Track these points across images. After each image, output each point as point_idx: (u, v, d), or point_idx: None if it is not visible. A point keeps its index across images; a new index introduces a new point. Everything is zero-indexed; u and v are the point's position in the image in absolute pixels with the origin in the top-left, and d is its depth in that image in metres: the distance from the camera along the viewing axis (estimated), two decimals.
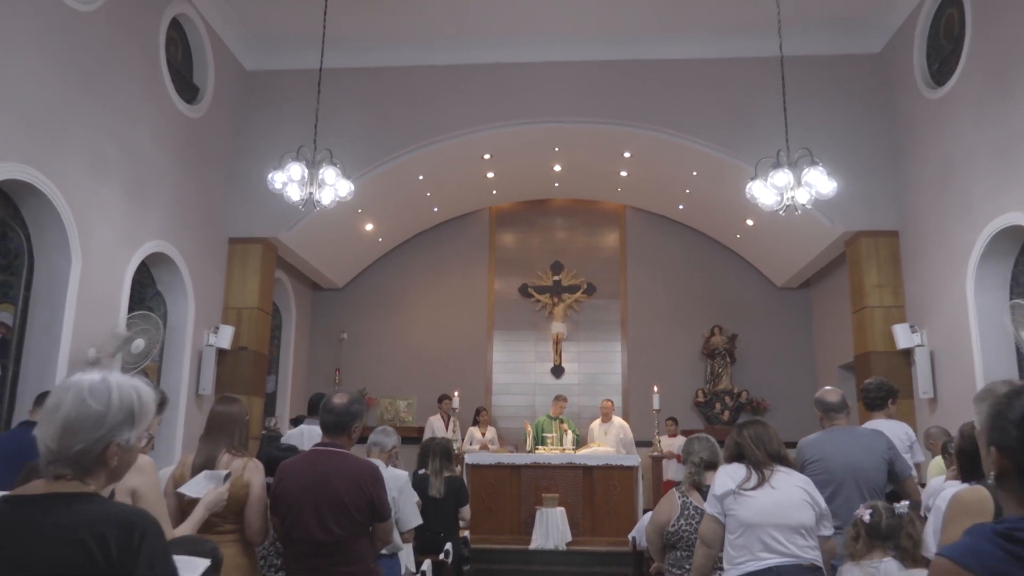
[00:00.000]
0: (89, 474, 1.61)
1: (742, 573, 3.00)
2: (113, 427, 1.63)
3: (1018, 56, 6.47)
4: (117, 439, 1.63)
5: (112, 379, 1.68)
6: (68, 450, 1.59)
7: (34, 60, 5.87)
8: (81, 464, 1.60)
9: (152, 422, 1.82)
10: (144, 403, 1.70)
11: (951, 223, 7.51)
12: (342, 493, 2.95)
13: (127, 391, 1.68)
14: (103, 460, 1.62)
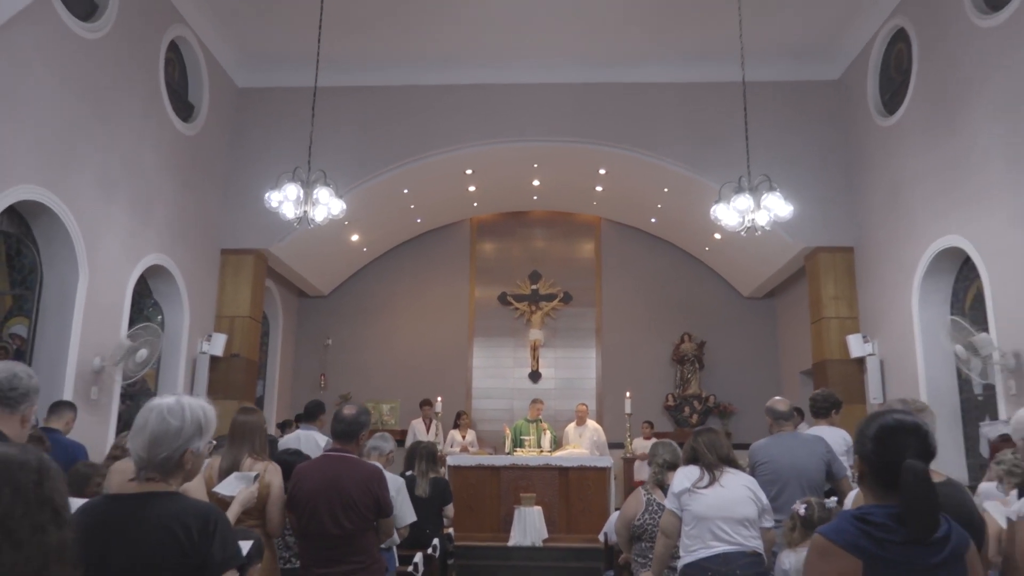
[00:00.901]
0: (171, 476, 2.07)
1: (695, 559, 3.52)
2: (187, 438, 2.09)
3: (958, 92, 7.08)
4: (191, 447, 2.10)
5: (184, 400, 2.15)
6: (155, 458, 2.05)
7: (48, 86, 6.25)
8: (165, 468, 2.06)
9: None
10: (208, 418, 2.17)
11: (899, 242, 8.12)
12: (352, 493, 3.41)
13: (196, 409, 2.15)
14: (181, 464, 2.08)
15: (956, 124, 7.12)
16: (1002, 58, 6.44)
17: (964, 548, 1.78)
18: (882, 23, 8.49)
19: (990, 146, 6.59)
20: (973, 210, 6.82)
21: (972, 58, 6.87)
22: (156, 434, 2.05)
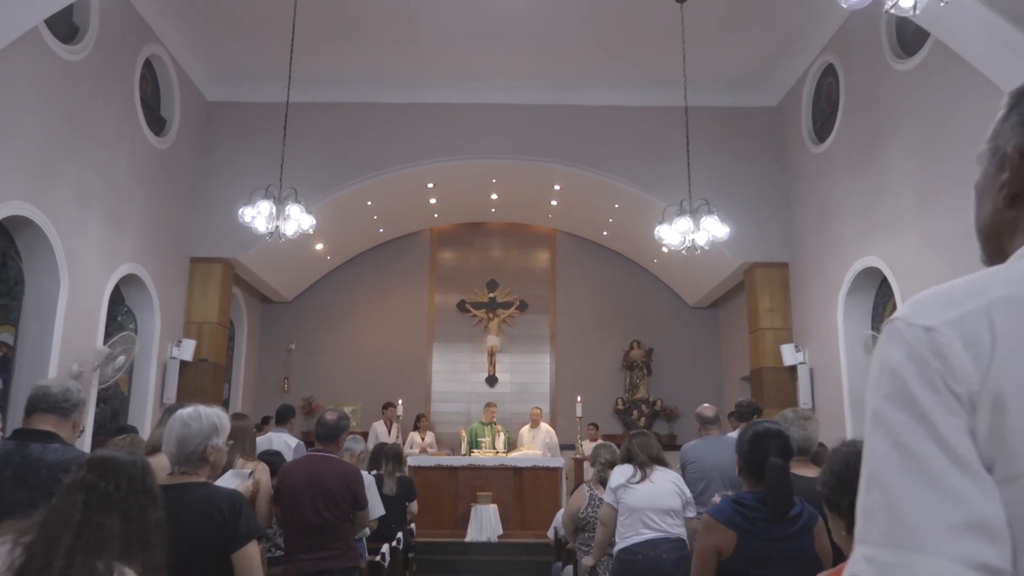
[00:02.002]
0: (198, 468, 2.58)
1: (628, 544, 4.11)
2: (206, 437, 2.61)
3: (878, 126, 7.82)
4: (210, 444, 2.61)
5: (200, 408, 2.67)
6: (183, 454, 2.56)
7: (31, 106, 6.60)
8: (192, 462, 2.57)
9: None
10: (222, 421, 2.69)
11: (827, 260, 8.86)
12: (332, 488, 3.92)
13: (210, 415, 2.66)
14: (204, 458, 2.59)
15: (875, 155, 7.87)
16: (914, 99, 7.18)
17: (813, 523, 2.37)
18: (814, 58, 9.23)
19: (903, 177, 7.34)
20: (888, 233, 7.57)
21: (889, 97, 7.61)
22: (181, 436, 2.56)
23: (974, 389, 0.74)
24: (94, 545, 1.74)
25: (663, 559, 4.02)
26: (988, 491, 0.72)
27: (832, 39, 8.80)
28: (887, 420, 0.77)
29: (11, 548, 1.73)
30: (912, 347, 0.77)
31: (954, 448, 0.73)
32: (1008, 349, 0.74)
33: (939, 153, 6.76)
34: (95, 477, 1.85)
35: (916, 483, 0.73)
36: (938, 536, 0.71)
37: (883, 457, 0.76)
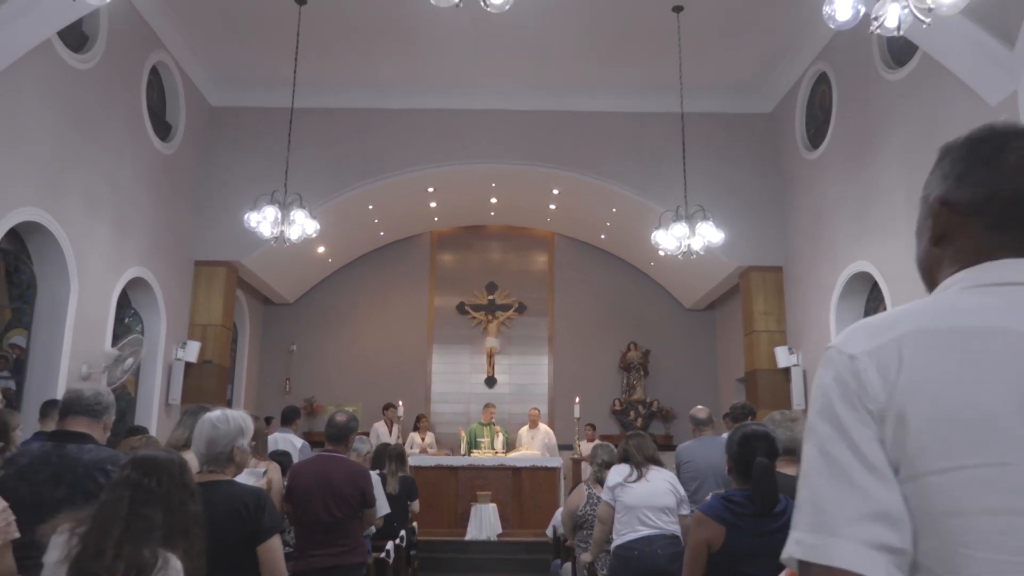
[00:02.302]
0: (225, 467, 2.75)
1: (624, 541, 4.28)
2: (232, 438, 2.78)
3: (869, 133, 8.01)
4: (236, 444, 2.78)
5: (227, 412, 2.84)
6: (212, 454, 2.74)
7: (43, 114, 6.77)
8: (220, 461, 2.74)
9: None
10: (247, 423, 2.87)
11: (820, 264, 9.05)
12: (342, 486, 4.09)
13: (236, 418, 2.84)
14: (231, 458, 2.77)
15: (866, 161, 8.06)
16: (904, 108, 7.37)
17: None
18: (807, 66, 9.42)
19: (894, 183, 7.53)
20: (879, 239, 7.76)
21: (880, 105, 7.80)
22: (210, 437, 2.74)
23: (882, 407, 0.91)
24: (140, 535, 1.92)
25: (658, 555, 4.20)
26: (891, 488, 0.89)
27: (825, 48, 8.99)
28: (816, 431, 0.95)
29: (68, 538, 1.91)
30: (838, 371, 0.95)
31: (865, 454, 0.90)
32: (910, 375, 0.91)
33: (928, 161, 6.84)
34: (139, 474, 2.03)
35: (834, 482, 0.91)
36: (849, 524, 0.88)
37: (811, 462, 0.94)
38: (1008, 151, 1.04)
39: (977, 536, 0.86)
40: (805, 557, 0.90)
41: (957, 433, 0.88)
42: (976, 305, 0.97)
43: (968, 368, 0.90)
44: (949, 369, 0.91)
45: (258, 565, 2.59)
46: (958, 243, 1.06)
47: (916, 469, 0.89)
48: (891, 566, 0.87)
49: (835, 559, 0.87)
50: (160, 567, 1.92)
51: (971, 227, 1.04)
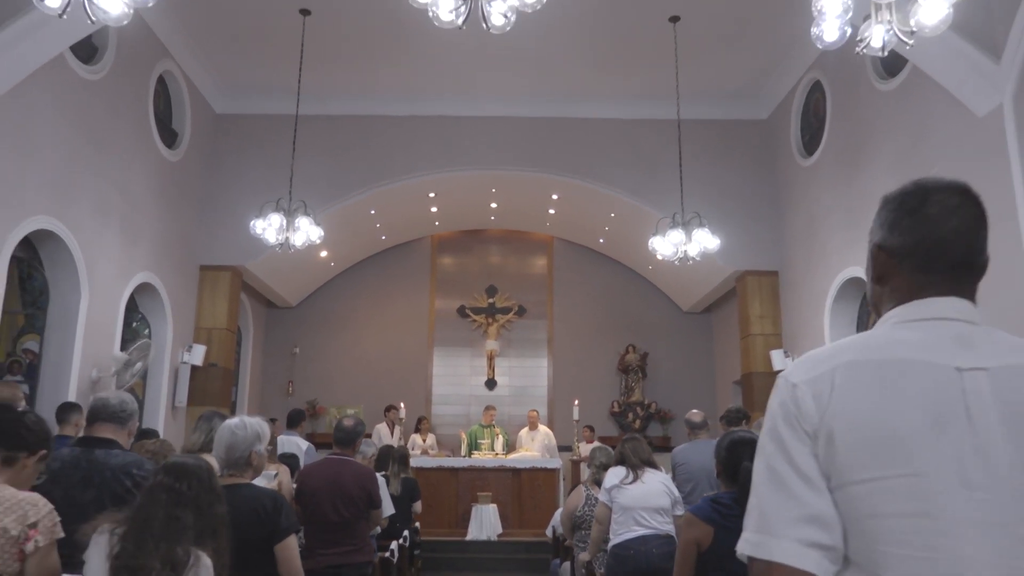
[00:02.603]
0: (244, 471, 2.92)
1: (621, 540, 4.45)
2: (250, 443, 2.95)
3: (861, 142, 8.19)
4: (254, 449, 2.95)
5: (245, 419, 3.01)
6: (232, 459, 2.91)
7: (55, 124, 6.94)
8: (239, 466, 2.91)
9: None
10: (263, 428, 3.04)
11: (814, 269, 9.22)
12: (350, 488, 4.26)
13: (254, 424, 3.01)
14: (249, 462, 2.94)
15: (859, 169, 8.23)
16: (895, 118, 7.55)
17: None
18: (802, 75, 9.59)
19: (884, 191, 7.66)
20: None
21: (872, 114, 7.97)
22: (230, 443, 2.91)
23: (816, 427, 1.09)
24: (174, 534, 2.10)
25: (653, 554, 4.37)
26: (822, 496, 1.07)
27: (819, 58, 9.15)
28: (764, 448, 1.13)
29: (108, 538, 2.08)
30: (782, 397, 1.13)
31: (801, 468, 1.08)
32: (838, 400, 1.09)
33: (917, 170, 7.12)
34: (172, 479, 2.20)
35: (775, 491, 1.08)
36: (786, 526, 1.06)
37: (759, 474, 1.12)
38: (930, 203, 1.21)
39: (891, 535, 1.03)
40: (751, 553, 1.08)
41: (874, 450, 1.06)
42: (899, 339, 1.15)
43: (885, 395, 1.08)
44: (869, 396, 1.08)
45: (275, 563, 2.76)
46: (894, 283, 1.23)
47: (843, 479, 1.06)
48: (823, 560, 1.05)
49: (774, 555, 1.05)
50: (192, 564, 2.09)
51: (904, 269, 1.22)
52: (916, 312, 1.19)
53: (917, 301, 1.20)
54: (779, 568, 1.05)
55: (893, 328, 1.19)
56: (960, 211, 1.22)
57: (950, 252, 1.20)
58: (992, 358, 1.12)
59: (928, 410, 1.06)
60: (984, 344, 1.14)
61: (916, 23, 3.97)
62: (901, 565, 1.03)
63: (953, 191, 1.24)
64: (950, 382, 1.09)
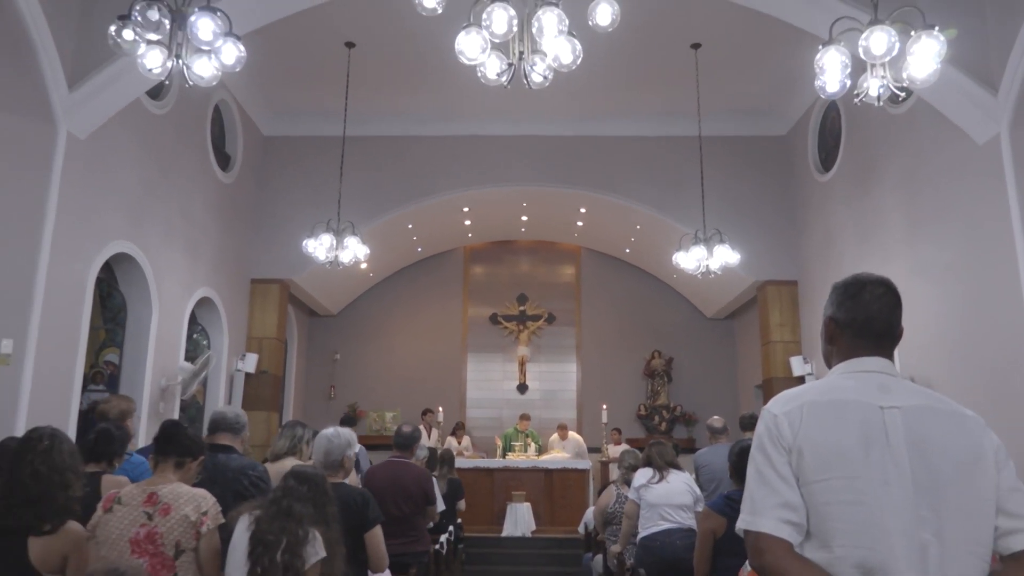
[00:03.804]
0: (337, 472, 3.54)
1: (648, 533, 5.03)
2: (342, 449, 3.58)
3: (873, 162, 8.67)
4: (346, 454, 3.58)
5: (338, 429, 3.65)
6: (328, 462, 3.54)
7: (130, 157, 7.65)
8: (334, 467, 3.54)
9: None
10: (352, 437, 3.67)
11: (830, 280, 9.54)
12: (409, 487, 4.89)
13: (344, 433, 3.64)
14: (342, 464, 3.56)
15: (869, 188, 8.71)
16: (903, 141, 8.03)
17: None
18: (818, 95, 10.04)
19: (893, 209, 8.19)
20: (880, 260, 8.41)
21: (883, 136, 8.45)
22: (327, 449, 3.54)
23: (790, 445, 1.65)
24: (296, 519, 2.72)
25: (677, 545, 4.93)
26: (793, 490, 1.62)
27: None
28: (755, 458, 1.69)
29: (248, 519, 2.71)
30: (767, 424, 1.70)
31: (780, 471, 1.64)
32: (805, 428, 1.65)
33: (922, 190, 7.63)
34: (296, 482, 2.83)
35: (762, 487, 1.65)
36: (769, 509, 1.62)
37: (751, 476, 1.68)
38: (864, 292, 1.79)
39: (837, 516, 1.60)
40: (746, 527, 1.65)
41: (826, 460, 1.63)
42: (842, 385, 1.72)
43: (833, 423, 1.65)
44: (824, 425, 1.66)
45: (364, 548, 3.39)
46: (839, 345, 1.81)
47: (807, 480, 1.63)
48: (793, 532, 1.62)
49: (761, 528, 1.62)
50: (310, 540, 2.72)
51: (846, 335, 1.79)
52: (853, 367, 1.76)
53: (854, 359, 1.77)
54: (764, 537, 1.62)
55: (839, 377, 1.76)
56: (883, 299, 1.79)
57: (875, 326, 1.77)
58: (903, 400, 1.68)
59: (861, 434, 1.63)
60: (898, 390, 1.71)
61: (908, 77, 4.50)
62: (843, 535, 1.59)
63: (880, 284, 1.81)
64: (875, 416, 1.66)
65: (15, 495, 2.49)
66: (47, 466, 2.53)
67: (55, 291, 6.35)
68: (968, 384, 6.87)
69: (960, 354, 7.02)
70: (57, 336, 6.41)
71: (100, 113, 6.75)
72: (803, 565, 1.58)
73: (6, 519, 2.45)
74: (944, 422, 1.66)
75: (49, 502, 2.50)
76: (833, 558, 1.57)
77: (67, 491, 2.55)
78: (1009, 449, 5.27)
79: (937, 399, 1.72)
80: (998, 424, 6.15)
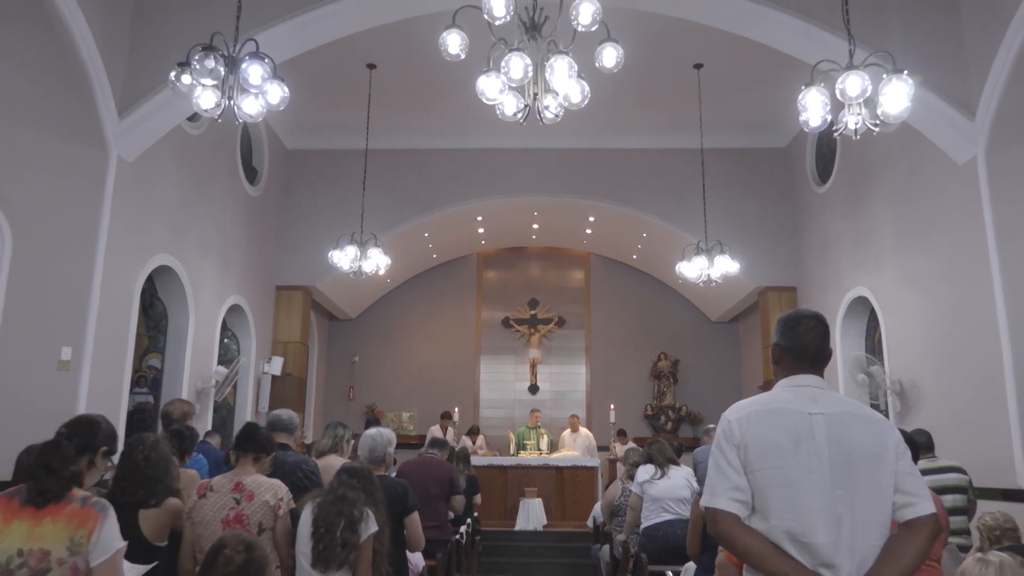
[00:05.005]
0: (380, 466, 4.11)
1: (650, 524, 5.57)
2: (384, 446, 4.14)
3: (866, 176, 9.17)
4: (387, 451, 4.14)
5: (380, 429, 4.21)
6: (373, 457, 4.10)
7: (170, 174, 8.24)
8: (377, 462, 4.10)
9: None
10: (392, 436, 4.23)
11: (827, 287, 10.21)
12: (440, 475, 5.46)
13: (386, 432, 4.20)
14: (384, 459, 4.12)
15: (863, 200, 9.22)
16: (893, 157, 8.53)
17: None
18: None
19: (884, 222, 8.70)
20: (873, 269, 8.93)
21: (876, 153, 8.95)
22: (371, 446, 4.10)
23: (739, 442, 2.19)
24: (350, 503, 3.28)
25: (677, 534, 5.47)
26: (742, 477, 2.15)
27: None
28: (714, 453, 2.23)
29: (312, 508, 3.28)
30: (723, 427, 2.24)
31: (731, 463, 2.18)
32: (750, 430, 2.18)
33: (910, 205, 8.14)
34: (347, 476, 3.39)
35: (717, 474, 2.18)
36: (723, 491, 2.15)
37: (711, 467, 2.22)
38: (800, 325, 2.32)
39: (772, 496, 2.14)
40: (706, 504, 2.20)
41: (765, 454, 2.17)
42: (781, 397, 2.26)
43: (771, 425, 2.19)
44: (763, 427, 2.20)
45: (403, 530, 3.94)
46: (782, 365, 2.35)
47: (751, 468, 2.17)
48: (741, 508, 2.15)
49: (717, 504, 2.16)
50: (364, 518, 3.27)
51: (787, 358, 2.33)
52: (792, 382, 2.30)
53: (792, 376, 2.31)
54: (720, 512, 2.15)
55: (780, 391, 2.30)
56: (815, 330, 2.33)
57: (809, 351, 2.31)
58: (828, 408, 2.22)
59: (792, 434, 2.17)
60: (824, 400, 2.24)
61: (882, 114, 5.03)
62: (777, 510, 2.12)
63: (813, 318, 2.35)
64: (804, 420, 2.19)
65: (129, 478, 3.05)
66: (156, 454, 3.11)
67: (107, 303, 6.94)
68: (951, 386, 7.38)
69: (944, 360, 7.52)
70: (109, 344, 7.00)
71: (146, 138, 7.35)
72: (747, 532, 2.12)
73: (123, 496, 3.02)
74: (857, 424, 2.19)
75: (156, 483, 3.07)
76: (770, 527, 2.11)
77: (168, 475, 3.13)
78: (986, 444, 6.04)
79: (855, 406, 2.26)
80: (976, 424, 6.66)
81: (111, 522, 2.39)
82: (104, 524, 2.36)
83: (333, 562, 3.15)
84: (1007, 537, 3.97)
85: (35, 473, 2.40)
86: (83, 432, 2.69)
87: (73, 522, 2.34)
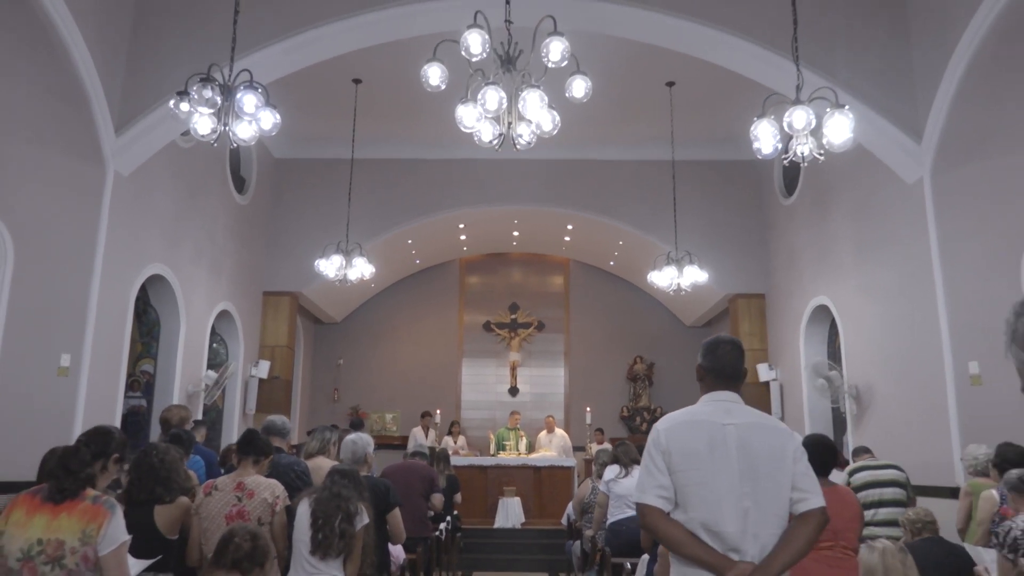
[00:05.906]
0: (362, 467, 4.51)
1: (616, 519, 6.01)
2: (365, 449, 4.55)
3: (827, 190, 9.66)
4: (367, 452, 4.55)
5: (360, 434, 4.62)
6: (355, 459, 4.51)
7: (164, 186, 8.58)
8: (359, 462, 4.51)
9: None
10: (370, 440, 4.64)
11: (793, 295, 10.71)
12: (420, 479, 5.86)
13: (365, 437, 4.61)
14: (365, 460, 4.53)
15: (825, 213, 9.71)
16: (852, 173, 9.02)
17: None
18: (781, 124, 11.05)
19: (844, 235, 9.19)
20: (833, 279, 9.42)
21: (836, 169, 9.43)
22: (353, 449, 4.51)
23: (664, 449, 2.61)
24: (345, 500, 3.69)
25: (638, 530, 5.90)
26: (666, 477, 2.57)
27: None
28: (644, 458, 2.66)
29: (309, 503, 3.68)
30: (653, 435, 2.67)
31: (657, 465, 2.60)
32: (675, 438, 2.61)
33: (867, 220, 8.63)
34: (339, 476, 3.79)
35: (646, 475, 2.60)
36: (649, 489, 2.57)
37: (641, 469, 2.64)
38: (719, 348, 2.76)
39: (691, 493, 2.56)
40: (636, 500, 2.62)
41: (686, 457, 2.59)
42: (703, 410, 2.69)
43: (692, 434, 2.62)
44: (685, 435, 2.62)
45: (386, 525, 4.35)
46: (705, 383, 2.78)
47: (674, 470, 2.60)
48: (666, 503, 2.58)
49: (645, 500, 2.59)
50: (360, 513, 3.68)
51: (709, 377, 2.76)
52: (711, 398, 2.73)
53: (713, 392, 2.74)
54: (647, 507, 2.58)
55: (702, 405, 2.73)
56: (732, 353, 2.76)
57: (727, 371, 2.74)
58: (740, 419, 2.65)
59: (708, 442, 2.60)
60: (738, 412, 2.68)
61: (827, 143, 5.50)
62: (694, 505, 2.54)
63: (730, 343, 2.78)
64: (719, 430, 2.62)
65: (146, 478, 3.45)
66: (169, 456, 3.51)
67: (104, 311, 7.29)
68: (899, 391, 7.88)
69: (895, 366, 8.02)
70: (105, 350, 7.35)
71: (142, 153, 7.70)
72: (670, 523, 2.55)
73: (140, 494, 3.41)
74: (763, 432, 2.63)
75: (169, 481, 3.46)
76: (688, 518, 2.54)
77: (180, 475, 3.53)
78: (927, 446, 6.67)
79: (763, 418, 2.69)
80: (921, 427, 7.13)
81: (118, 519, 2.80)
82: (112, 520, 2.77)
83: (332, 550, 3.55)
84: (927, 529, 4.42)
85: (56, 473, 2.82)
86: (99, 440, 3.11)
87: (85, 517, 2.75)
